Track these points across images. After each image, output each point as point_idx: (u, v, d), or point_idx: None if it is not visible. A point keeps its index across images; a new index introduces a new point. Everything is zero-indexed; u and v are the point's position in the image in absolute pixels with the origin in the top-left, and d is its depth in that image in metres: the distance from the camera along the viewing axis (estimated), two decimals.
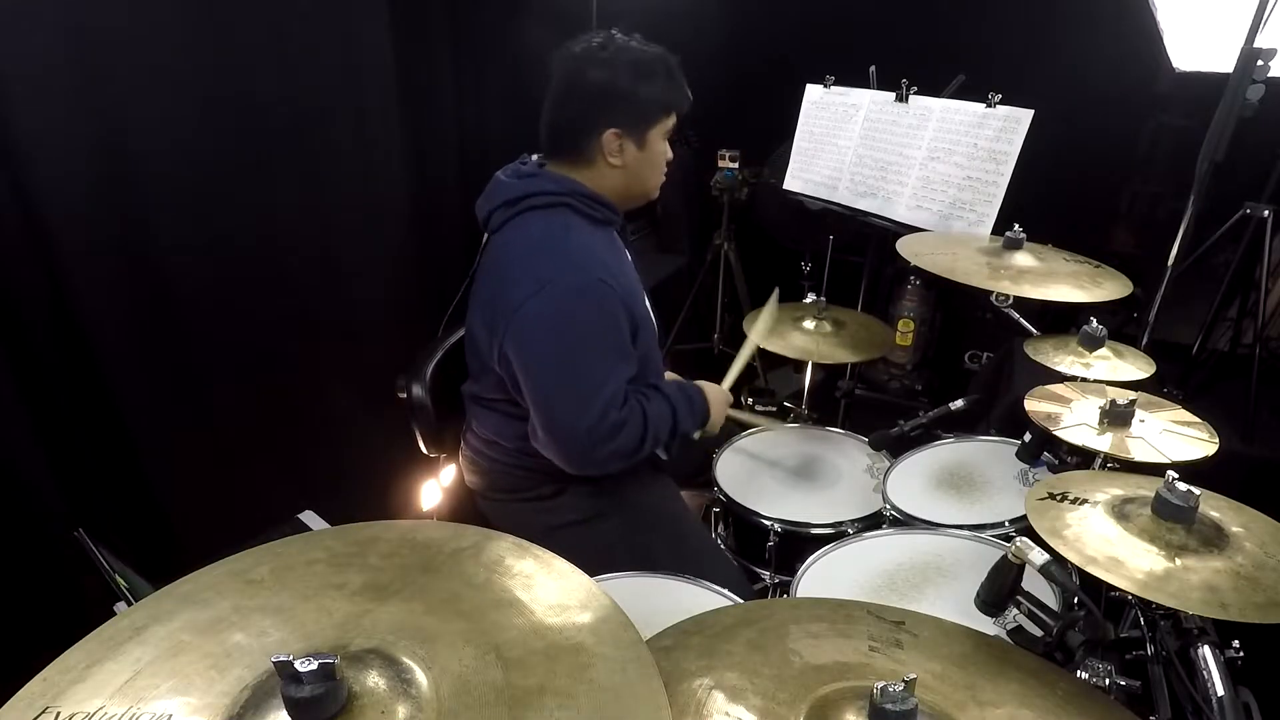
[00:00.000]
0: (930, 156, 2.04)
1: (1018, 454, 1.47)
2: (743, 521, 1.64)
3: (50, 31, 1.38)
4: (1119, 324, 2.30)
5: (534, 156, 1.49)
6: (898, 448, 1.75)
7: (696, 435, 1.58)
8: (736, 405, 1.76)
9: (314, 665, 0.61)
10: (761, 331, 1.87)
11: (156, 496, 1.71)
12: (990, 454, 1.71)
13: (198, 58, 1.59)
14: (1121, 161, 2.80)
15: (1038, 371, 1.49)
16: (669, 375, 1.78)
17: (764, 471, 1.78)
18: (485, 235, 1.49)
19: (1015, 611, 0.94)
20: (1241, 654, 1.08)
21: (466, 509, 1.68)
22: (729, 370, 1.75)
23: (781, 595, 1.59)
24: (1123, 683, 0.96)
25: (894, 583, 1.32)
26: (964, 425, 1.98)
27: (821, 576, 1.35)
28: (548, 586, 0.80)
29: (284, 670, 0.61)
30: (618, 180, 1.45)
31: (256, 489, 1.81)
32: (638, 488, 1.57)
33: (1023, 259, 1.68)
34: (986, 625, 0.96)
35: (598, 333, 1.35)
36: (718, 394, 1.62)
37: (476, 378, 1.55)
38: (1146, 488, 0.99)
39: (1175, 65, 2.34)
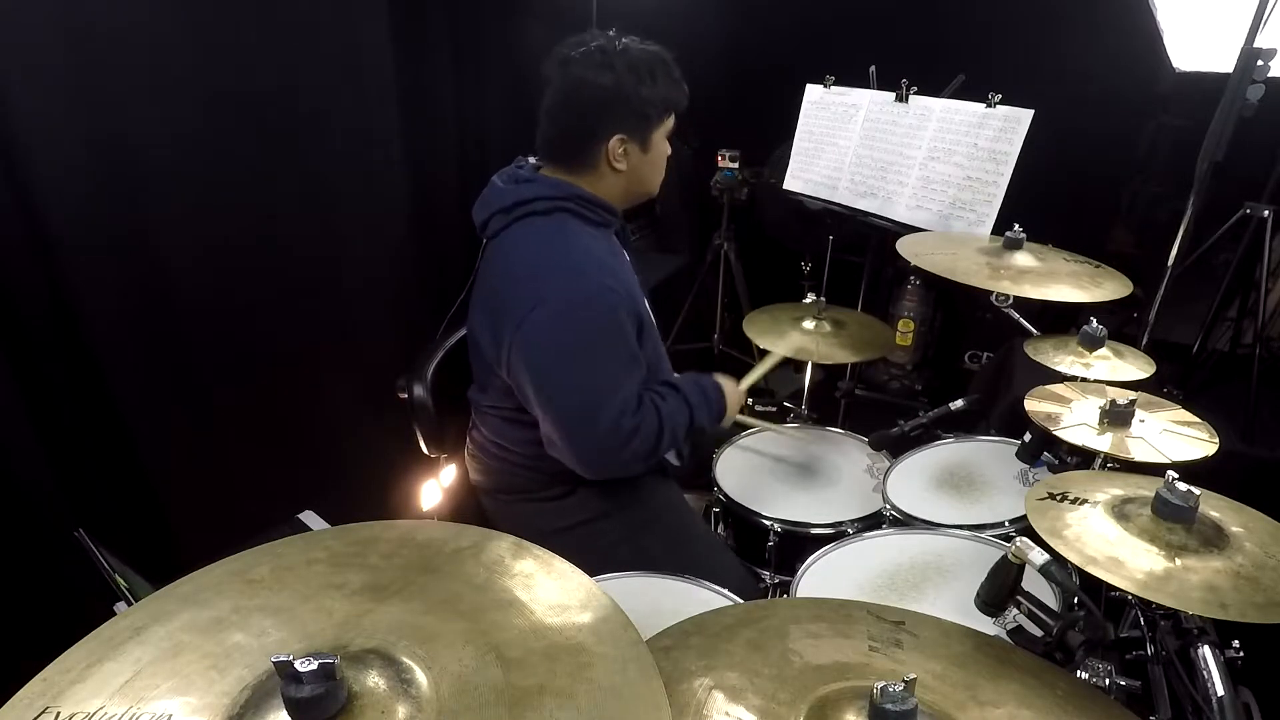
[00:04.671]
0: (930, 156, 2.04)
1: (1018, 454, 1.47)
2: (743, 521, 1.64)
3: (50, 31, 1.38)
4: (1119, 324, 2.30)
5: (530, 160, 1.48)
6: (898, 448, 1.75)
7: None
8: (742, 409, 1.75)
9: (314, 665, 0.61)
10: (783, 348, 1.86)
11: (156, 496, 1.71)
12: (990, 454, 1.71)
13: (198, 57, 1.59)
14: (1121, 161, 2.80)
15: (1038, 371, 1.49)
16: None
17: (764, 472, 1.78)
18: (484, 240, 1.48)
19: (1015, 611, 0.94)
20: (1241, 654, 1.08)
21: (467, 509, 1.68)
22: (750, 372, 1.73)
23: (781, 595, 1.59)
24: (1123, 683, 0.96)
25: (894, 583, 1.32)
26: (964, 425, 1.98)
27: (821, 576, 1.35)
28: (548, 586, 0.80)
29: (284, 670, 0.61)
30: (620, 183, 1.44)
31: (256, 489, 1.81)
32: (643, 489, 1.57)
33: (1023, 259, 1.68)
34: (986, 625, 0.96)
35: (605, 340, 1.35)
36: (733, 390, 1.59)
37: (481, 385, 1.55)
38: (1146, 488, 0.99)
39: (1175, 65, 2.34)
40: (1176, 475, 0.93)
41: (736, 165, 3.05)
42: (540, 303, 1.30)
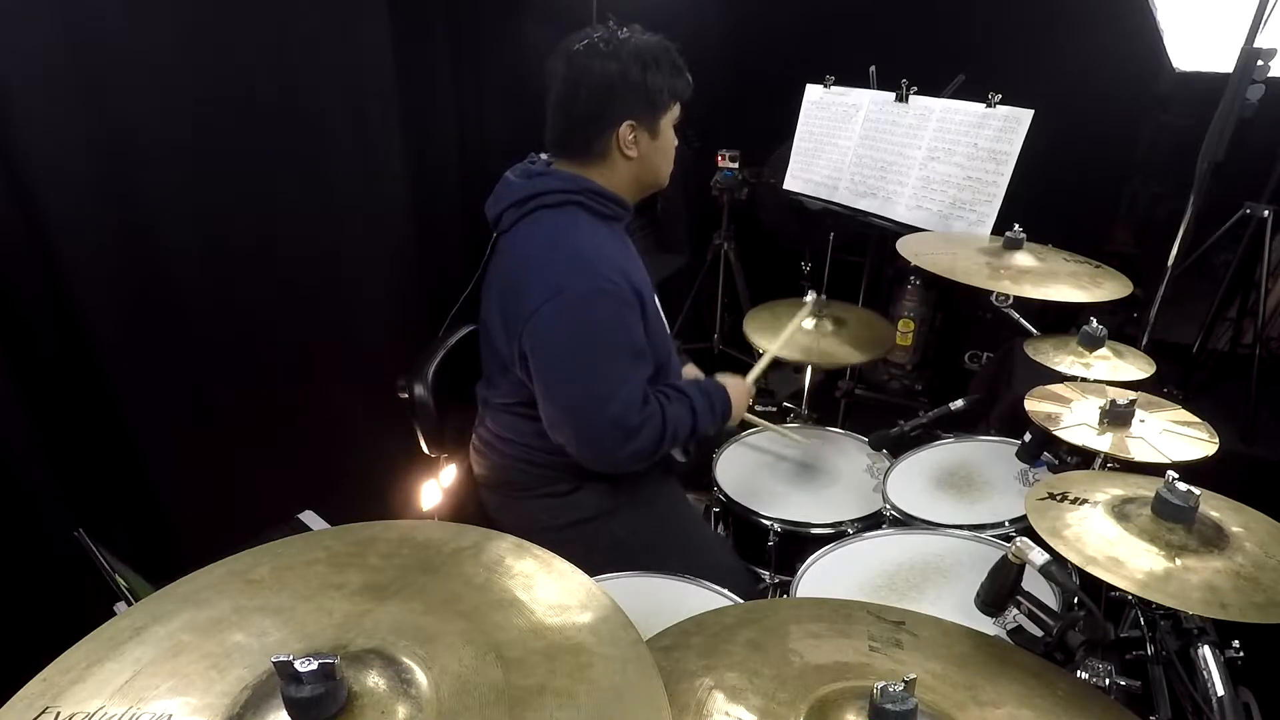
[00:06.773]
0: (930, 156, 2.04)
1: (1018, 454, 1.47)
2: (743, 521, 1.64)
3: (50, 31, 1.38)
4: (1119, 324, 2.30)
5: (543, 156, 1.49)
6: (898, 448, 1.75)
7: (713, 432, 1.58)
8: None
9: (314, 665, 0.61)
10: (790, 330, 1.87)
11: (156, 496, 1.71)
12: (990, 454, 1.71)
13: (198, 57, 1.59)
14: (1121, 161, 2.80)
15: (1038, 371, 1.49)
16: (688, 369, 1.78)
17: (764, 472, 1.78)
18: (494, 235, 1.48)
19: (1015, 611, 0.94)
20: (1241, 654, 1.08)
21: (467, 509, 1.67)
22: (753, 368, 1.74)
23: (781, 595, 1.59)
24: (1123, 683, 0.96)
25: (894, 583, 1.32)
26: (964, 425, 1.98)
27: (821, 576, 1.35)
28: (548, 586, 0.80)
29: (284, 670, 0.61)
30: (632, 172, 1.44)
31: (256, 489, 1.81)
32: (645, 487, 1.57)
33: (1023, 259, 1.68)
34: (986, 625, 0.96)
35: (613, 333, 1.35)
36: (739, 389, 1.60)
37: (491, 381, 1.55)
38: (1146, 488, 0.99)
39: (1175, 65, 2.34)
40: (1176, 475, 0.93)
41: (736, 165, 3.05)
42: (553, 295, 1.31)
